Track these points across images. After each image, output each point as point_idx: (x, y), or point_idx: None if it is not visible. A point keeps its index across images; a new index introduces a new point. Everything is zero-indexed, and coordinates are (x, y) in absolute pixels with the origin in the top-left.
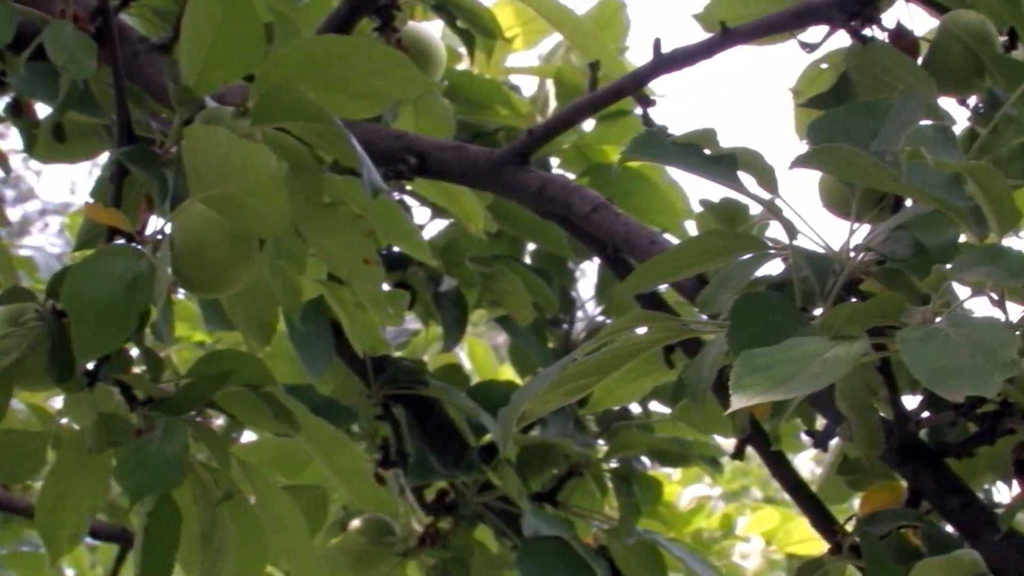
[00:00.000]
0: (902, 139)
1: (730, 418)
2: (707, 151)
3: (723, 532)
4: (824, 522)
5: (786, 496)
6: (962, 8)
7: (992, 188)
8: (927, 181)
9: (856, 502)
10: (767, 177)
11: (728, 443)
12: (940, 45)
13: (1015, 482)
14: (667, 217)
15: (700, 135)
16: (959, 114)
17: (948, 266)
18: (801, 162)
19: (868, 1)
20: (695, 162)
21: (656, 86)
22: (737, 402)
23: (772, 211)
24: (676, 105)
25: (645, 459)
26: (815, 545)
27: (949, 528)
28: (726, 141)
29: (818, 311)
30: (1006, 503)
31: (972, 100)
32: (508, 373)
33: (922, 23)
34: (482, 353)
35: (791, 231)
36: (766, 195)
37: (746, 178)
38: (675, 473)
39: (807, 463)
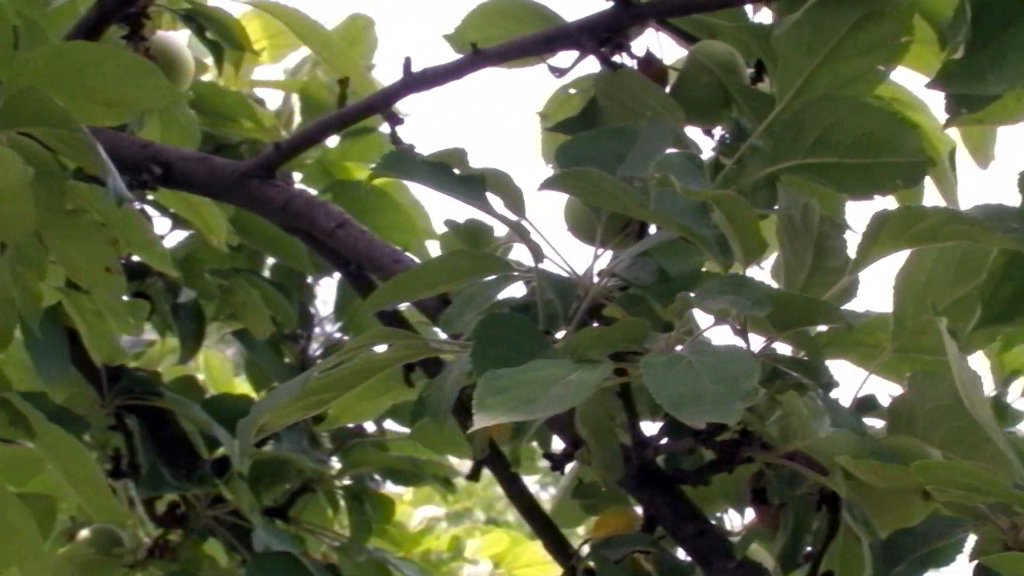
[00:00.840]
0: (650, 165)
1: (468, 438)
2: (456, 171)
3: (451, 554)
4: (558, 545)
5: (510, 518)
6: (711, 39)
7: (738, 217)
8: (674, 208)
9: (581, 529)
10: (515, 199)
11: (460, 463)
12: (688, 74)
13: (748, 510)
14: (408, 236)
15: (450, 154)
16: (705, 143)
17: (692, 294)
18: (549, 185)
19: (618, 28)
20: (444, 181)
21: (403, 105)
22: (480, 421)
23: (519, 233)
24: (424, 124)
25: (378, 477)
26: (544, 569)
27: (682, 555)
28: (475, 162)
29: (561, 334)
30: (737, 531)
31: (718, 130)
32: (242, 386)
33: (671, 52)
34: (217, 365)
35: (537, 254)
36: (513, 217)
37: (494, 199)
38: (406, 493)
39: (531, 486)
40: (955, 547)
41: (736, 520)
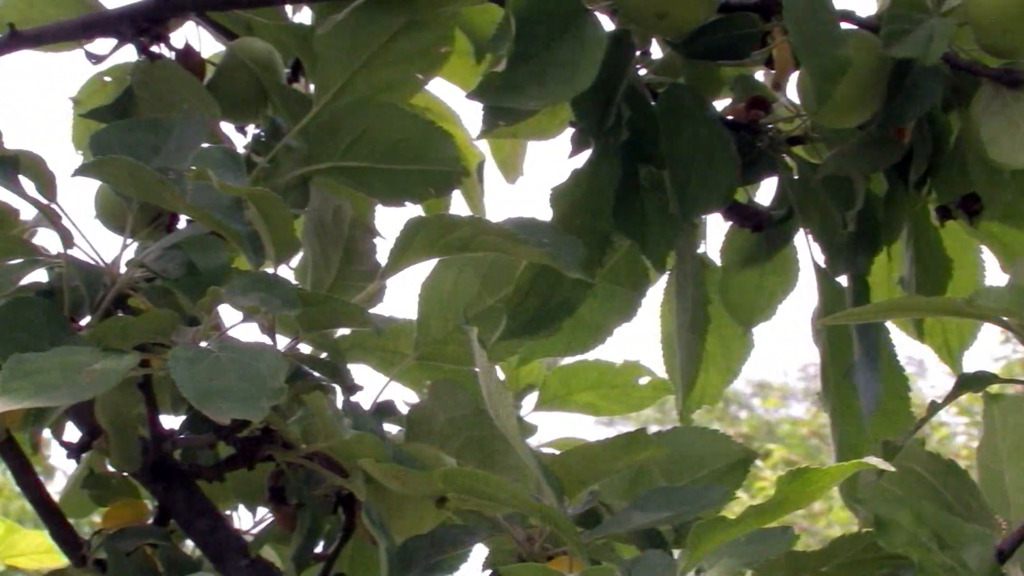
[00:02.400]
0: (186, 158)
1: None
2: None
3: None
4: (66, 535)
5: None
6: (251, 36)
7: (272, 216)
8: (209, 202)
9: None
10: (47, 182)
11: None
12: (226, 70)
13: (261, 508)
14: None
15: None
16: (239, 140)
17: (222, 289)
18: (84, 171)
19: (158, 19)
20: None
21: None
22: (3, 406)
23: (49, 218)
24: None
25: None
26: (42, 558)
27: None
28: (8, 143)
29: (86, 321)
30: (247, 528)
31: (251, 128)
32: None
33: (211, 46)
34: None
35: (67, 240)
36: (44, 200)
37: (25, 182)
38: None
39: None
40: (461, 557)
41: (247, 518)
